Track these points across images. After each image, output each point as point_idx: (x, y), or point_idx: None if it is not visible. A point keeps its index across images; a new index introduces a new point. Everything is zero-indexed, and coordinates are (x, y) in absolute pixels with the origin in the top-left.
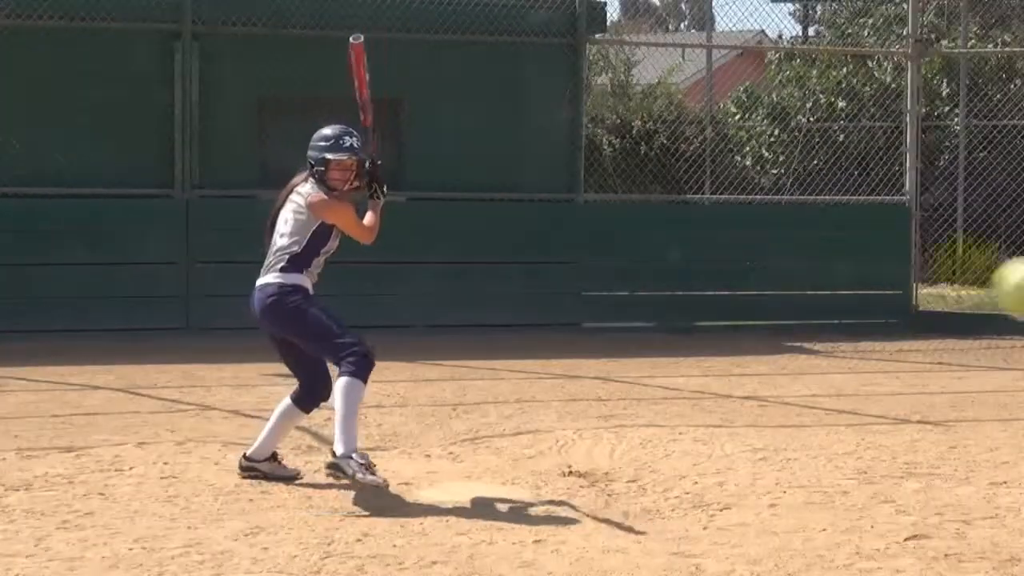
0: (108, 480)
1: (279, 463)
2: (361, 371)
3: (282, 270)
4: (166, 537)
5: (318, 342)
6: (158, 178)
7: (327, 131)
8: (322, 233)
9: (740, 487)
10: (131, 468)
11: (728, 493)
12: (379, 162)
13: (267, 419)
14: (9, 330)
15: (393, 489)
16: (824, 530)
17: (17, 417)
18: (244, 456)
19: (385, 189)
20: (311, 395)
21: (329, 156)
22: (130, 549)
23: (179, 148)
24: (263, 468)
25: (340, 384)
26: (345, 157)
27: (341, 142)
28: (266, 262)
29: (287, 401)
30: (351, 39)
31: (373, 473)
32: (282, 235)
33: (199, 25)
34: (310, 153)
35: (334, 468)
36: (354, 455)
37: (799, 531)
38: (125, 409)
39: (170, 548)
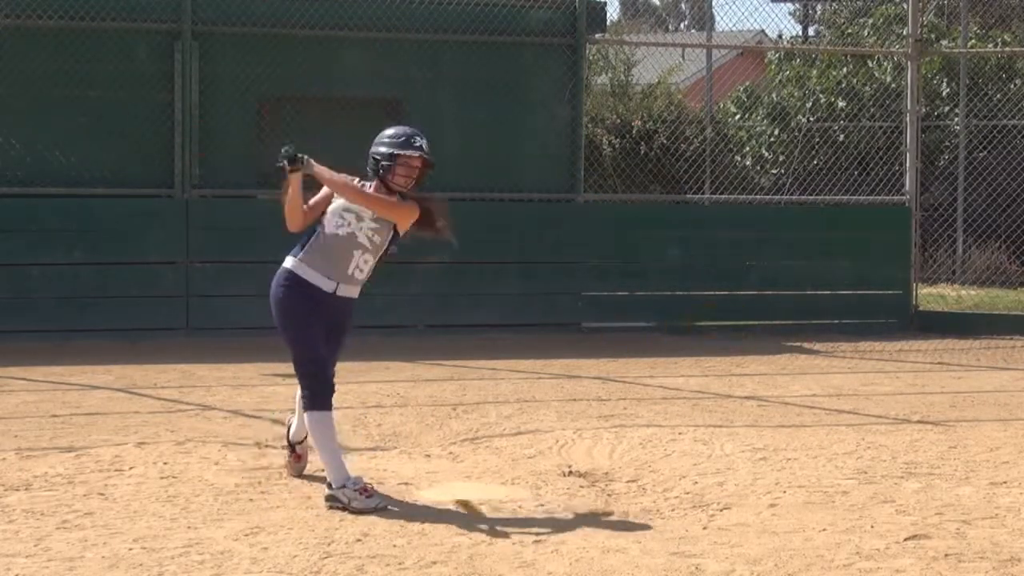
0: (108, 480)
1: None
2: (319, 404)
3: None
4: (166, 537)
5: (293, 354)
6: (158, 178)
7: (395, 129)
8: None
9: (740, 487)
10: (131, 468)
11: (728, 493)
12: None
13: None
14: (9, 330)
15: (393, 489)
16: (824, 530)
17: (17, 417)
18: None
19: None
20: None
21: (399, 152)
22: (130, 549)
23: (179, 148)
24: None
25: (305, 421)
26: (415, 155)
27: (412, 140)
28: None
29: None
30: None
31: (369, 496)
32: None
33: (199, 25)
34: (377, 150)
35: (331, 500)
36: (348, 483)
37: (799, 531)
38: (125, 409)
39: (170, 548)
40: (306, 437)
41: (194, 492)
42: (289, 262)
